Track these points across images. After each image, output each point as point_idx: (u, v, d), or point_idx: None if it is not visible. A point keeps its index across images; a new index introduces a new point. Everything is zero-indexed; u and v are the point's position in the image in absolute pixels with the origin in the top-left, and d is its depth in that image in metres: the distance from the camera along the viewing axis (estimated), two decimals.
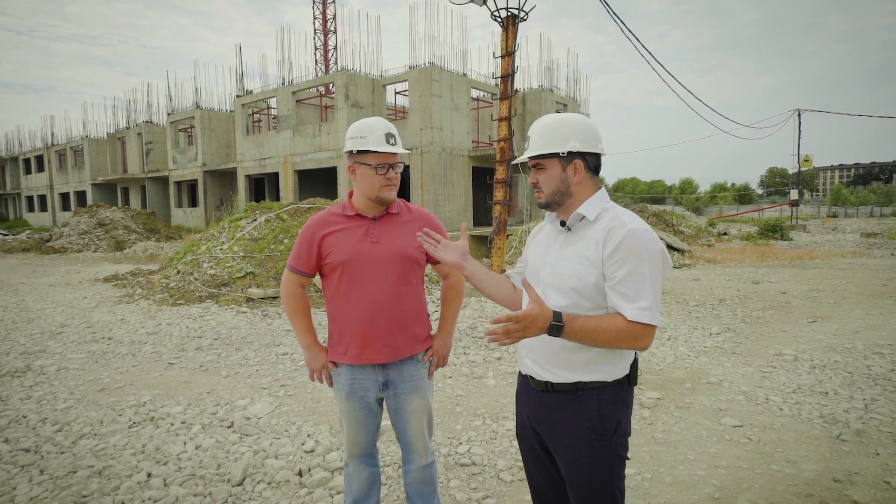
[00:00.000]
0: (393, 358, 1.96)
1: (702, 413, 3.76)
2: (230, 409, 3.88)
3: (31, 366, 4.96)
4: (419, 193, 18.57)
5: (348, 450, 2.08)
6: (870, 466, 2.96)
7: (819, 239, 20.44)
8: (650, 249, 1.43)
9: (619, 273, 1.43)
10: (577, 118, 1.58)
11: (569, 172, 1.56)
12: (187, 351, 5.49)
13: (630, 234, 1.43)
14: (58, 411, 3.87)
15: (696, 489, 2.76)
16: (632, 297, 1.42)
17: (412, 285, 1.98)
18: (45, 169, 37.19)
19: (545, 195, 1.59)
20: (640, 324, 1.41)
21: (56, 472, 2.94)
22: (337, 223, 1.97)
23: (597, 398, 1.52)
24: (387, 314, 1.93)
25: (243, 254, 9.14)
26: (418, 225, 1.98)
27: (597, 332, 1.42)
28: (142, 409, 3.90)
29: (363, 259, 1.92)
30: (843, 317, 6.84)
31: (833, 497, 2.66)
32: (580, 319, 1.44)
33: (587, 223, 1.55)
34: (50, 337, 6.09)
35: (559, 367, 1.54)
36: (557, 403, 1.56)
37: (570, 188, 1.57)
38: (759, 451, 3.18)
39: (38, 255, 17.13)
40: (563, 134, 1.55)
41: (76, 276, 11.59)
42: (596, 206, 1.55)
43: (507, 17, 7.62)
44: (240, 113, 23.00)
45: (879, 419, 3.58)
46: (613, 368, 1.53)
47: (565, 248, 1.57)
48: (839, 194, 63.18)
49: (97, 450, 3.22)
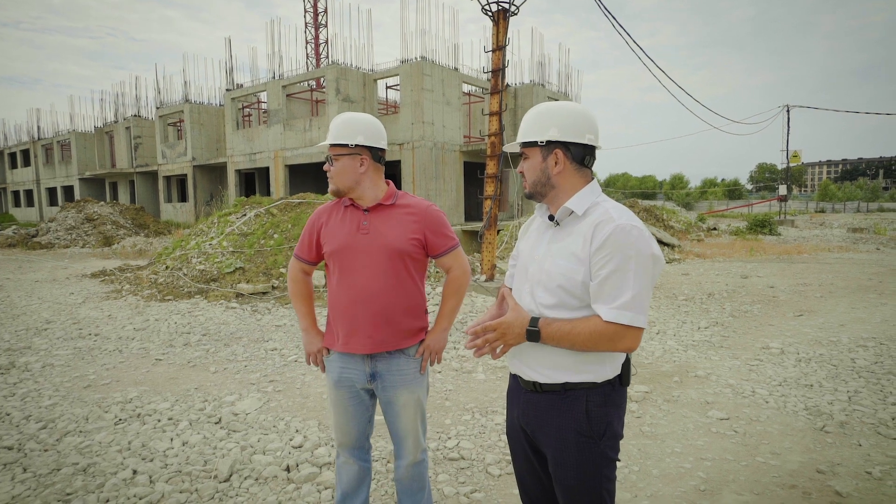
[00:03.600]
0: (376, 349, 1.94)
1: (689, 406, 3.79)
2: (218, 405, 3.85)
3: (15, 362, 4.89)
4: (410, 188, 18.50)
5: (337, 439, 2.08)
6: (852, 457, 3.00)
7: (807, 234, 20.65)
8: (637, 247, 1.36)
9: (602, 271, 1.37)
10: (564, 106, 1.51)
11: (549, 163, 1.50)
12: (175, 347, 5.45)
13: (617, 229, 1.37)
14: (42, 408, 3.82)
15: (682, 481, 2.79)
16: (612, 296, 1.36)
17: (402, 278, 1.95)
18: (32, 163, 36.62)
19: (528, 185, 1.56)
20: (618, 325, 1.34)
21: (40, 470, 2.91)
22: (336, 213, 2.00)
23: (585, 399, 1.47)
24: (370, 306, 1.91)
25: (233, 249, 9.06)
26: (413, 218, 1.96)
27: (573, 335, 1.38)
28: (128, 405, 3.87)
29: (352, 250, 1.93)
30: (829, 310, 6.92)
31: (816, 488, 2.69)
32: (556, 323, 1.40)
33: (576, 218, 1.48)
34: (35, 333, 6.01)
35: (546, 367, 1.50)
36: (546, 404, 1.52)
37: (550, 179, 1.51)
38: (745, 443, 3.21)
39: (24, 251, 16.91)
40: (543, 122, 1.49)
41: (63, 272, 11.45)
42: (585, 199, 1.48)
43: (498, 11, 7.59)
44: (230, 107, 22.77)
45: (862, 411, 3.63)
46: (602, 368, 1.47)
47: (553, 244, 1.52)
48: (827, 190, 63.86)
49: (82, 447, 3.19)
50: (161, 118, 26.45)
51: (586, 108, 1.54)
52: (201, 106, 25.08)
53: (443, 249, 2.00)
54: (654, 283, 1.41)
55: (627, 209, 1.46)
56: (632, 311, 1.34)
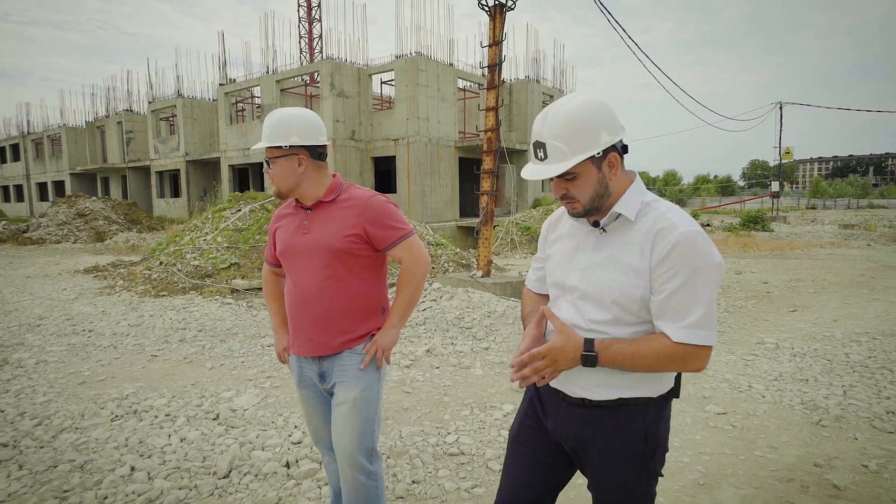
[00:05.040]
0: (317, 353, 1.87)
1: (687, 401, 3.81)
2: (215, 401, 3.83)
3: (7, 359, 4.84)
4: (405, 184, 18.48)
5: (312, 437, 2.08)
6: (848, 451, 3.03)
7: (799, 230, 20.82)
8: (705, 257, 1.22)
9: (668, 286, 1.23)
10: (592, 102, 1.28)
11: (605, 171, 1.29)
12: (171, 343, 5.41)
13: (684, 238, 1.22)
14: (37, 405, 3.79)
15: (681, 475, 2.80)
16: (681, 314, 1.22)
17: (342, 279, 1.83)
18: (21, 158, 36.21)
19: (582, 205, 1.31)
20: (690, 345, 1.22)
21: (36, 467, 2.88)
22: (287, 215, 1.97)
23: (642, 417, 1.34)
24: (308, 309, 1.85)
25: (227, 245, 9.01)
26: (351, 213, 1.83)
27: (635, 359, 1.24)
28: (124, 401, 3.83)
29: (293, 251, 1.88)
30: (822, 306, 6.98)
31: (813, 481, 2.72)
32: (616, 346, 1.26)
33: (625, 222, 1.31)
34: (28, 329, 5.95)
35: (596, 386, 1.36)
36: (597, 419, 1.37)
37: (608, 188, 1.30)
38: (743, 437, 3.24)
39: (14, 247, 16.72)
40: (591, 129, 1.25)
41: (55, 268, 11.34)
42: (635, 200, 1.31)
43: (495, 5, 7.56)
44: (223, 102, 22.60)
45: (857, 405, 3.67)
46: (659, 383, 1.35)
47: (599, 253, 1.34)
48: (818, 186, 64.45)
49: (78, 444, 3.16)
50: (153, 113, 26.22)
51: (597, 95, 1.34)
52: (194, 101, 24.88)
53: (388, 242, 1.85)
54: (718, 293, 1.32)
55: (684, 211, 1.32)
56: (704, 330, 1.22)
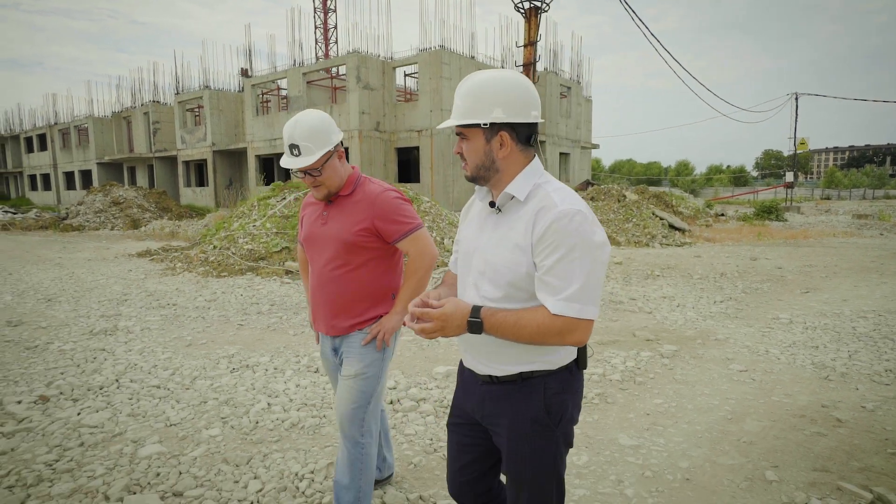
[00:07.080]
0: (331, 332, 2.10)
1: (713, 361, 4.46)
2: (311, 360, 4.53)
3: (117, 326, 5.59)
4: (429, 174, 19.10)
5: None
6: (851, 397, 3.66)
7: (812, 220, 21.19)
8: (582, 234, 1.26)
9: (547, 261, 1.28)
10: (505, 80, 1.35)
11: (493, 145, 1.36)
12: (250, 315, 6.13)
13: (561, 216, 1.27)
14: (162, 359, 4.51)
15: (712, 412, 3.46)
16: (558, 288, 1.26)
17: (354, 266, 2.01)
18: (48, 148, 37.25)
19: (470, 168, 1.42)
20: (566, 317, 1.25)
21: (191, 402, 3.60)
22: (311, 204, 2.17)
23: (543, 387, 1.41)
24: (321, 294, 2.08)
25: (276, 230, 9.72)
26: (362, 208, 2.00)
27: (518, 328, 1.28)
28: (234, 358, 4.55)
29: (312, 239, 2.09)
30: (833, 288, 7.55)
31: (821, 417, 3.36)
32: (500, 314, 1.30)
33: (517, 203, 1.38)
34: (118, 303, 6.70)
35: (498, 362, 1.43)
36: (502, 394, 1.45)
37: (495, 163, 1.38)
38: (762, 387, 3.88)
39: (57, 233, 17.59)
40: (486, 101, 1.33)
41: (107, 252, 12.14)
42: (527, 182, 1.37)
43: (530, 8, 8.12)
44: (249, 93, 23.29)
45: (860, 365, 4.29)
46: (556, 356, 1.41)
47: (495, 232, 1.41)
48: (833, 177, 64.07)
49: (215, 387, 3.88)
50: (180, 104, 26.98)
51: (528, 80, 1.40)
52: (220, 92, 25.60)
53: (397, 236, 2.02)
54: (605, 271, 1.32)
55: (572, 191, 1.38)
56: (580, 303, 1.25)
